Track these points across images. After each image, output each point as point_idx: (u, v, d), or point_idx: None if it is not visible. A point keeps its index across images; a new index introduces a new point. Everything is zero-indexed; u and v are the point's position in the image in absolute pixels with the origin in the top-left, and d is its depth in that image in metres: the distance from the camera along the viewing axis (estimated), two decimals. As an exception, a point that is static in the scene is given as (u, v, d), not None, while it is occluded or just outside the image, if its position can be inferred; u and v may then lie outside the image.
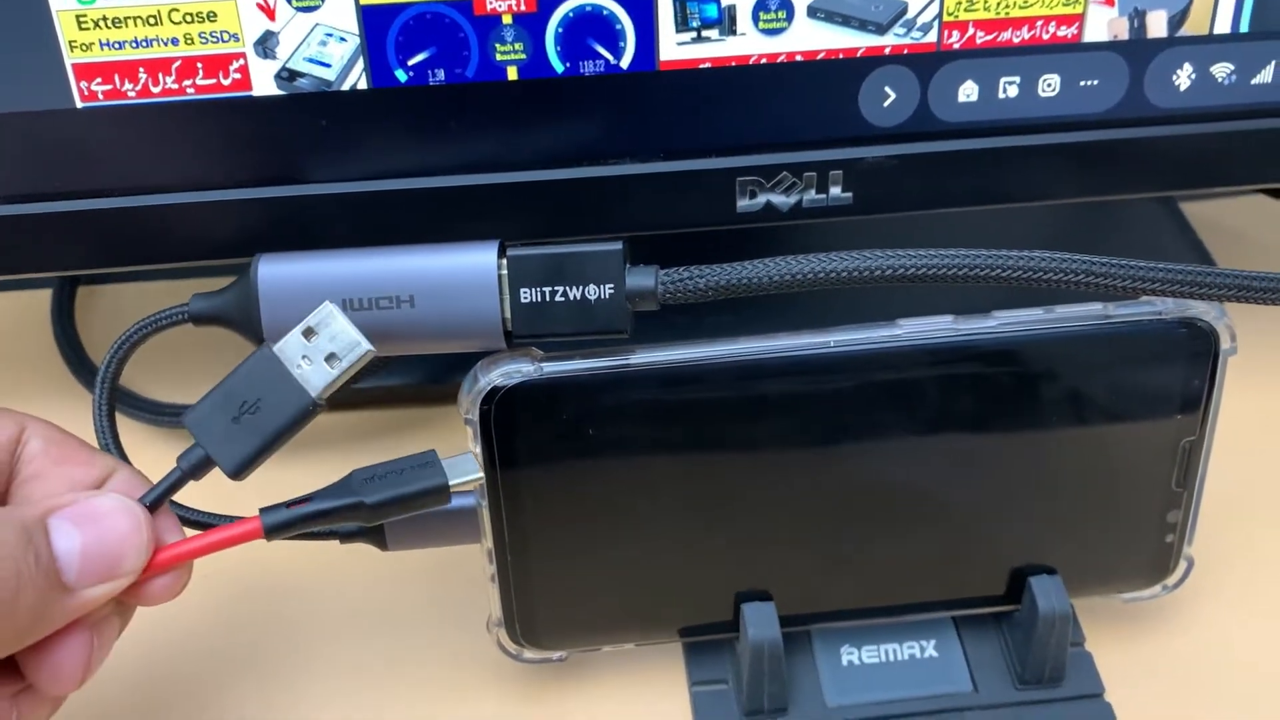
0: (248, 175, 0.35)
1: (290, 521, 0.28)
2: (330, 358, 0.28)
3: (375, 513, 0.28)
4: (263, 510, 0.28)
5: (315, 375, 0.28)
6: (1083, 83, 0.35)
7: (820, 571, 0.33)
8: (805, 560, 0.33)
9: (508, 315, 0.30)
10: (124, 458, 0.31)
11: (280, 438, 0.28)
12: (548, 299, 0.29)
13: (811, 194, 0.36)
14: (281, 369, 0.28)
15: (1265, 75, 0.35)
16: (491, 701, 0.34)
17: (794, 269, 0.29)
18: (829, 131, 0.35)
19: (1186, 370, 0.31)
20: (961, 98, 0.35)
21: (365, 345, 0.28)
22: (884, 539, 0.33)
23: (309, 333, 0.28)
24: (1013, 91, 0.35)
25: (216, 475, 0.29)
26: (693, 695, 0.33)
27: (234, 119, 0.34)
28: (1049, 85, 0.35)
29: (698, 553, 0.32)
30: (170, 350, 0.39)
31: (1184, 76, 0.35)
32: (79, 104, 0.33)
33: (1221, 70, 0.35)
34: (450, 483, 0.29)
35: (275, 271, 0.30)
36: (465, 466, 0.29)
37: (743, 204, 0.36)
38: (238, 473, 0.28)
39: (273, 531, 0.28)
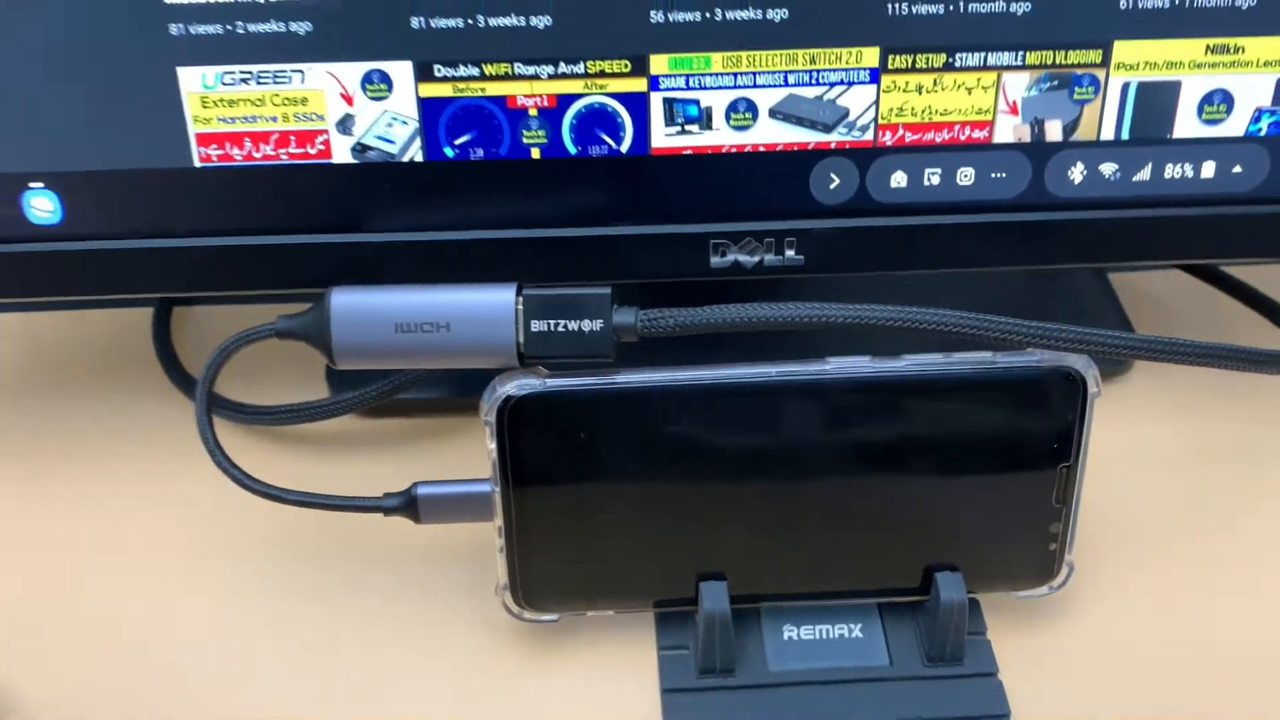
0: (326, 224, 0.38)
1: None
2: None
3: None
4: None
5: None
6: (993, 174, 0.39)
7: (766, 560, 0.36)
8: (754, 550, 0.36)
9: (521, 341, 0.34)
10: (218, 446, 0.36)
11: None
12: (552, 329, 0.33)
13: (771, 255, 0.39)
14: None
15: (1144, 174, 0.39)
16: (491, 656, 0.37)
17: (740, 314, 0.33)
18: (785, 206, 0.39)
19: (1061, 408, 0.35)
20: (894, 184, 0.39)
21: None
22: (819, 537, 0.36)
23: None
24: (936, 180, 0.39)
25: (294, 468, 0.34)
26: (660, 657, 0.36)
27: (317, 180, 0.38)
28: (966, 175, 0.39)
29: (667, 539, 0.36)
30: (249, 362, 0.42)
31: (1077, 173, 0.39)
32: (197, 164, 0.37)
33: (1108, 168, 0.39)
34: None
35: (344, 301, 0.34)
36: None
37: (715, 261, 0.39)
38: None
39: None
